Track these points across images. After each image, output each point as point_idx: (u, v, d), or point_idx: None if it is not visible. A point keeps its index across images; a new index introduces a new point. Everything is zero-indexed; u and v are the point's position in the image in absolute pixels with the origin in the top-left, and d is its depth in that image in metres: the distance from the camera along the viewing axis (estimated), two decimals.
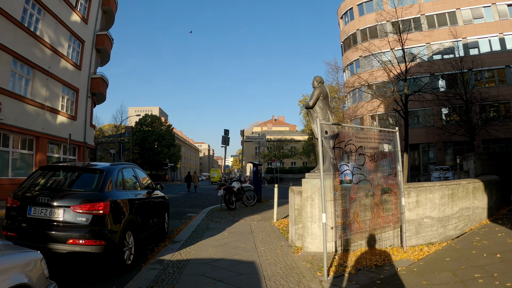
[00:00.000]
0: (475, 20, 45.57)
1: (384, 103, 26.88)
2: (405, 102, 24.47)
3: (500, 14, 45.01)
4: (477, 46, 44.99)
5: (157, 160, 77.92)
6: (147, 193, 9.01)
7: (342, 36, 58.97)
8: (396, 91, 24.12)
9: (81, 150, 30.62)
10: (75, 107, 29.60)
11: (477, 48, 44.81)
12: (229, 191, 17.78)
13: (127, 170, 8.45)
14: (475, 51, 44.48)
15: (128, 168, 8.59)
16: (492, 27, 44.48)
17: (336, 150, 6.91)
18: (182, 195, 30.44)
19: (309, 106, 8.58)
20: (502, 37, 44.63)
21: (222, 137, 19.89)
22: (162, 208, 10.29)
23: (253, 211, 16.64)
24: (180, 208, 19.55)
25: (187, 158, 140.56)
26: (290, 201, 9.33)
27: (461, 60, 36.47)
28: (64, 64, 27.58)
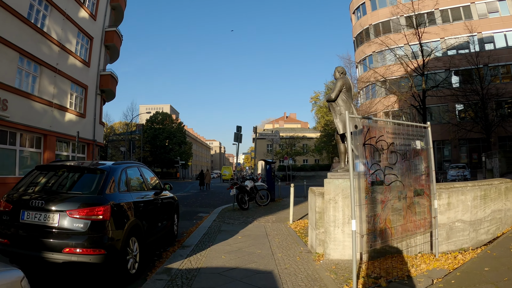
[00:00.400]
0: (490, 14, 44.43)
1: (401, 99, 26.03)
2: (423, 97, 23.64)
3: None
4: (492, 40, 43.78)
5: (168, 157, 77.48)
6: (155, 194, 8.36)
7: (355, 32, 58.16)
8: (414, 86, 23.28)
9: (90, 148, 30.13)
10: (84, 104, 29.11)
11: (492, 43, 43.60)
12: (241, 190, 17.06)
13: (132, 169, 7.79)
14: (490, 46, 43.24)
15: (133, 168, 7.96)
16: (508, 21, 43.33)
17: (367, 147, 6.14)
18: (193, 194, 29.84)
19: (331, 99, 7.86)
20: None
21: (234, 134, 19.20)
22: (171, 209, 9.63)
23: (267, 211, 15.95)
24: (191, 207, 18.94)
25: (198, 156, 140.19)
26: (310, 203, 8.58)
27: (477, 55, 35.46)
28: (72, 61, 27.11)
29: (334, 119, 7.91)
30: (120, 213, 6.35)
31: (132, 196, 7.01)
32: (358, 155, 6.00)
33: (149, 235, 7.58)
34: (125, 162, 7.66)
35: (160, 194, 8.68)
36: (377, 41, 28.10)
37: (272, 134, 23.62)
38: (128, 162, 7.88)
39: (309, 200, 8.69)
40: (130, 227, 6.48)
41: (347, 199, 7.25)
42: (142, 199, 7.46)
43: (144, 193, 7.80)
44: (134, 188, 7.49)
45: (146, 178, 8.39)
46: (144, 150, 76.69)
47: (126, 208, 6.57)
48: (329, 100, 7.91)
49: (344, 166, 8.02)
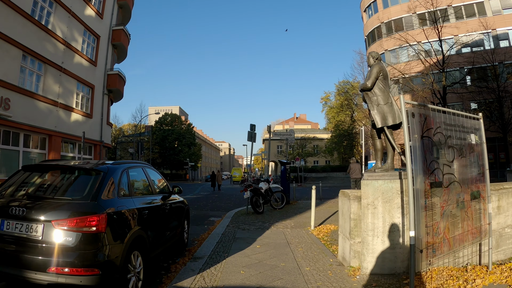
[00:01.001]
0: (505, 10, 43.16)
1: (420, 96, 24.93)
2: (443, 94, 22.53)
3: None
4: (507, 37, 42.57)
5: (177, 159, 76.74)
6: (162, 198, 7.30)
7: (366, 30, 57.11)
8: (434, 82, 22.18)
9: (97, 149, 29.32)
10: (91, 104, 28.35)
11: (507, 39, 42.37)
12: (256, 193, 15.96)
13: (135, 170, 6.73)
14: (505, 43, 42.02)
15: (137, 168, 6.92)
16: None
17: (425, 141, 5.03)
18: (203, 196, 28.79)
19: (367, 88, 6.80)
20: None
21: (248, 132, 18.15)
22: (181, 215, 8.65)
23: (283, 215, 14.86)
24: (202, 210, 17.92)
25: (208, 158, 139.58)
26: (342, 208, 7.46)
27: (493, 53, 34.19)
28: (79, 60, 26.36)
29: (371, 110, 6.83)
30: (120, 223, 5.31)
31: (134, 201, 6.01)
32: (413, 150, 4.88)
33: (155, 246, 6.52)
34: (127, 161, 6.58)
35: (168, 198, 7.68)
36: (396, 37, 26.90)
37: (286, 133, 22.57)
38: (131, 162, 6.84)
39: (341, 205, 7.55)
40: (132, 239, 5.44)
41: (387, 203, 6.22)
42: (148, 205, 6.42)
43: (150, 198, 6.81)
44: (137, 192, 6.52)
45: (152, 181, 7.39)
46: (153, 152, 76.06)
47: (127, 216, 5.53)
48: (365, 88, 6.86)
49: (380, 165, 6.98)
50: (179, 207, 8.57)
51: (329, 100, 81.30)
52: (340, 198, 7.54)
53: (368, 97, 6.92)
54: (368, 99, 6.91)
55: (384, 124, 6.67)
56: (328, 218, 13.23)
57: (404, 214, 6.07)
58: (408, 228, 5.86)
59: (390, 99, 6.78)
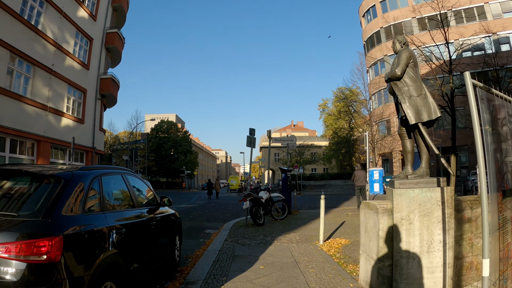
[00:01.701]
0: (505, 14, 42.44)
1: None
2: (451, 97, 21.47)
3: None
4: (508, 41, 41.83)
5: (173, 167, 75.40)
6: (148, 212, 6.15)
7: (365, 35, 56.37)
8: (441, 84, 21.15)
9: (89, 156, 28.14)
10: (83, 109, 27.22)
11: (508, 43, 41.60)
12: (256, 203, 14.66)
13: (112, 178, 5.42)
14: (506, 47, 41.27)
15: (114, 175, 5.54)
16: None
17: (494, 135, 3.78)
18: (199, 205, 27.49)
19: (396, 76, 5.68)
20: None
21: (247, 137, 16.90)
22: (171, 230, 7.41)
23: (286, 227, 13.60)
24: (197, 221, 16.67)
25: (204, 166, 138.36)
26: (366, 223, 6.10)
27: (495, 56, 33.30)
28: (70, 63, 25.26)
29: (402, 104, 5.67)
30: (84, 248, 3.97)
31: (108, 218, 4.65)
32: (486, 147, 3.58)
33: (137, 273, 5.25)
34: (101, 167, 5.28)
35: (155, 211, 6.48)
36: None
37: (287, 138, 21.40)
38: (107, 168, 5.54)
39: (364, 220, 6.23)
40: (102, 267, 4.11)
41: (426, 217, 5.09)
42: (127, 221, 5.18)
43: (131, 212, 5.54)
44: (113, 205, 5.22)
45: (135, 191, 6.05)
46: (149, 160, 74.89)
47: (96, 237, 4.20)
48: (393, 77, 5.73)
49: (411, 170, 5.84)
50: (169, 221, 7.34)
51: (327, 107, 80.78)
52: (363, 211, 6.26)
53: (397, 88, 5.78)
54: (398, 90, 5.76)
55: (418, 120, 5.57)
56: (336, 231, 11.98)
57: (446, 230, 4.96)
58: (451, 247, 4.79)
59: (424, 90, 5.67)
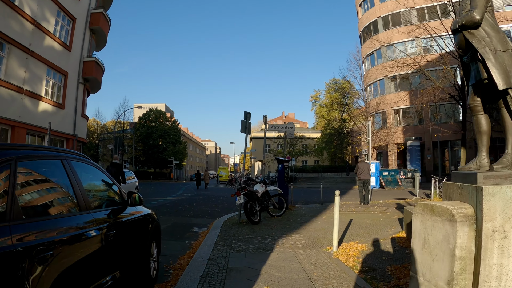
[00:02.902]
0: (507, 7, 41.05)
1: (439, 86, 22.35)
2: (461, 86, 19.92)
3: None
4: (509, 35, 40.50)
5: (161, 157, 73.45)
6: (109, 215, 4.40)
7: (361, 25, 54.87)
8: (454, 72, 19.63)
9: (69, 144, 26.36)
10: (63, 94, 25.43)
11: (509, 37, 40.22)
12: (251, 198, 12.85)
13: (41, 164, 3.63)
14: None
15: (47, 160, 3.72)
16: None
17: None
18: (187, 197, 25.66)
19: (475, 21, 4.15)
20: None
21: (241, 122, 15.06)
22: (144, 238, 5.60)
23: (287, 227, 11.82)
24: (183, 217, 14.91)
25: (193, 156, 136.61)
26: (428, 235, 4.14)
27: None
28: (50, 43, 23.48)
29: (487, 59, 4.05)
30: None
31: (18, 231, 2.80)
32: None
33: None
34: (24, 146, 3.45)
35: (119, 214, 4.74)
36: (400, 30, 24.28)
37: (285, 126, 19.65)
38: (34, 147, 3.77)
39: (422, 229, 4.30)
40: None
41: None
42: (60, 235, 3.26)
43: (71, 220, 3.60)
44: (36, 209, 3.32)
45: (81, 185, 3.96)
46: (137, 149, 73.00)
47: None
48: (469, 23, 4.14)
49: (487, 158, 4.32)
50: (142, 225, 5.57)
51: (319, 99, 79.78)
52: (419, 216, 4.36)
53: (475, 39, 4.17)
54: (477, 41, 4.15)
55: (509, 85, 3.96)
56: (346, 232, 10.18)
57: None
58: None
59: (510, 45, 4.04)
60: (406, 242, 8.49)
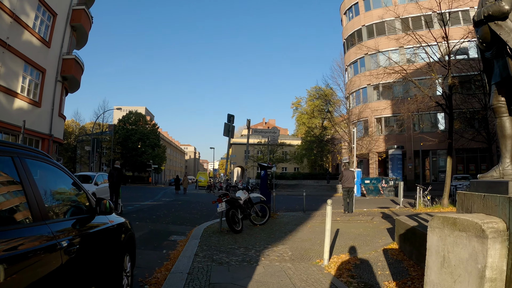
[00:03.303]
0: None
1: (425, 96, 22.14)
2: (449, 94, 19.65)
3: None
4: None
5: (140, 161, 72.25)
6: (74, 225, 3.68)
7: (345, 33, 55.01)
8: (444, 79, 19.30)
9: (45, 144, 25.42)
10: (40, 91, 24.57)
11: None
12: (233, 205, 12.16)
13: None
14: None
15: (0, 157, 2.93)
16: None
17: None
18: (165, 203, 24.83)
19: (503, 11, 3.79)
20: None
21: (224, 125, 14.35)
22: (115, 251, 4.81)
23: (271, 236, 11.20)
24: (161, 223, 14.18)
25: (172, 161, 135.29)
26: (447, 251, 3.42)
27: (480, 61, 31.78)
28: (28, 38, 22.68)
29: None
30: None
31: None
32: None
33: None
34: None
35: (86, 224, 4.02)
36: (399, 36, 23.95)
37: (269, 130, 19.06)
38: None
39: (441, 245, 3.69)
40: None
41: None
42: (5, 253, 2.43)
43: (20, 233, 2.77)
44: None
45: (37, 189, 3.17)
46: (115, 152, 71.73)
47: None
48: (497, 13, 3.76)
49: (511, 165, 3.77)
50: (112, 237, 4.83)
51: (300, 106, 79.76)
52: (436, 230, 3.76)
53: (502, 31, 3.82)
54: (505, 33, 3.75)
55: None
56: (334, 243, 9.48)
57: None
58: None
59: None
60: (400, 255, 8.03)
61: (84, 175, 22.20)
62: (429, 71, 19.81)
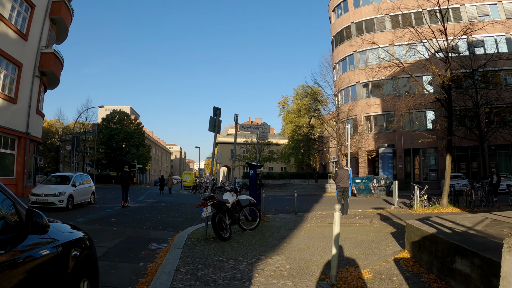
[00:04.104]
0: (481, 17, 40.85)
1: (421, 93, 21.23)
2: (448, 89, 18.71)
3: (507, 13, 41.33)
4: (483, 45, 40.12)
5: (124, 160, 70.25)
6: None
7: (334, 30, 54.15)
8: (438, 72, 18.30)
9: (21, 142, 24.01)
10: (16, 87, 23.21)
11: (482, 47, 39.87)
12: (219, 209, 10.71)
13: None
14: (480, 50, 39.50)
15: None
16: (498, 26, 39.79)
17: None
18: (148, 205, 23.42)
19: None
20: (509, 36, 41.28)
21: (210, 119, 12.80)
22: (64, 279, 3.58)
23: (263, 244, 9.74)
24: (141, 228, 12.92)
25: (158, 160, 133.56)
26: None
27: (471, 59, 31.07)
28: (3, 29, 21.43)
29: None
30: None
31: None
32: None
33: None
34: None
35: (13, 248, 2.90)
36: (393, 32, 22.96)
37: (259, 126, 17.87)
38: None
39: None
40: None
41: None
42: None
43: None
44: None
45: None
46: (99, 152, 69.98)
47: None
48: None
49: None
50: (57, 262, 3.55)
51: (287, 105, 78.61)
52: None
53: None
54: None
55: None
56: (339, 248, 8.39)
57: None
58: None
59: None
60: (415, 266, 6.99)
61: (62, 175, 20.94)
62: (427, 65, 18.80)
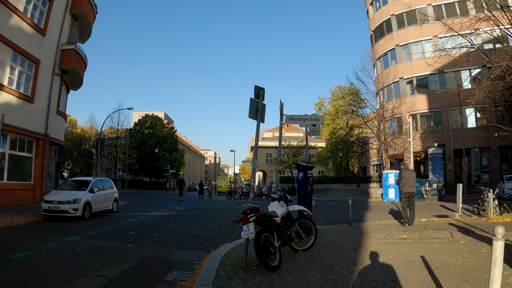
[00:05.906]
0: None
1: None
2: None
3: None
4: None
5: (157, 166, 68.75)
6: None
7: (372, 25, 50.97)
8: None
9: (39, 145, 21.95)
10: (33, 85, 21.29)
11: None
12: (265, 226, 7.66)
13: None
14: None
15: None
16: None
17: None
18: (177, 213, 20.84)
19: None
20: None
21: (251, 102, 8.89)
22: None
23: (328, 277, 6.59)
24: (162, 246, 10.24)
25: (192, 166, 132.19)
26: None
27: None
28: (18, 23, 19.55)
29: None
30: None
31: None
32: None
33: None
34: None
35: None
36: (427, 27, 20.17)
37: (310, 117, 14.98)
38: None
39: None
40: None
41: None
42: None
43: None
44: None
45: None
46: (131, 157, 68.47)
47: None
48: None
49: None
50: None
51: (324, 106, 75.50)
52: None
53: None
54: None
55: None
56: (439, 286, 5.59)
57: None
58: None
59: None
60: None
61: (80, 180, 18.75)
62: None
